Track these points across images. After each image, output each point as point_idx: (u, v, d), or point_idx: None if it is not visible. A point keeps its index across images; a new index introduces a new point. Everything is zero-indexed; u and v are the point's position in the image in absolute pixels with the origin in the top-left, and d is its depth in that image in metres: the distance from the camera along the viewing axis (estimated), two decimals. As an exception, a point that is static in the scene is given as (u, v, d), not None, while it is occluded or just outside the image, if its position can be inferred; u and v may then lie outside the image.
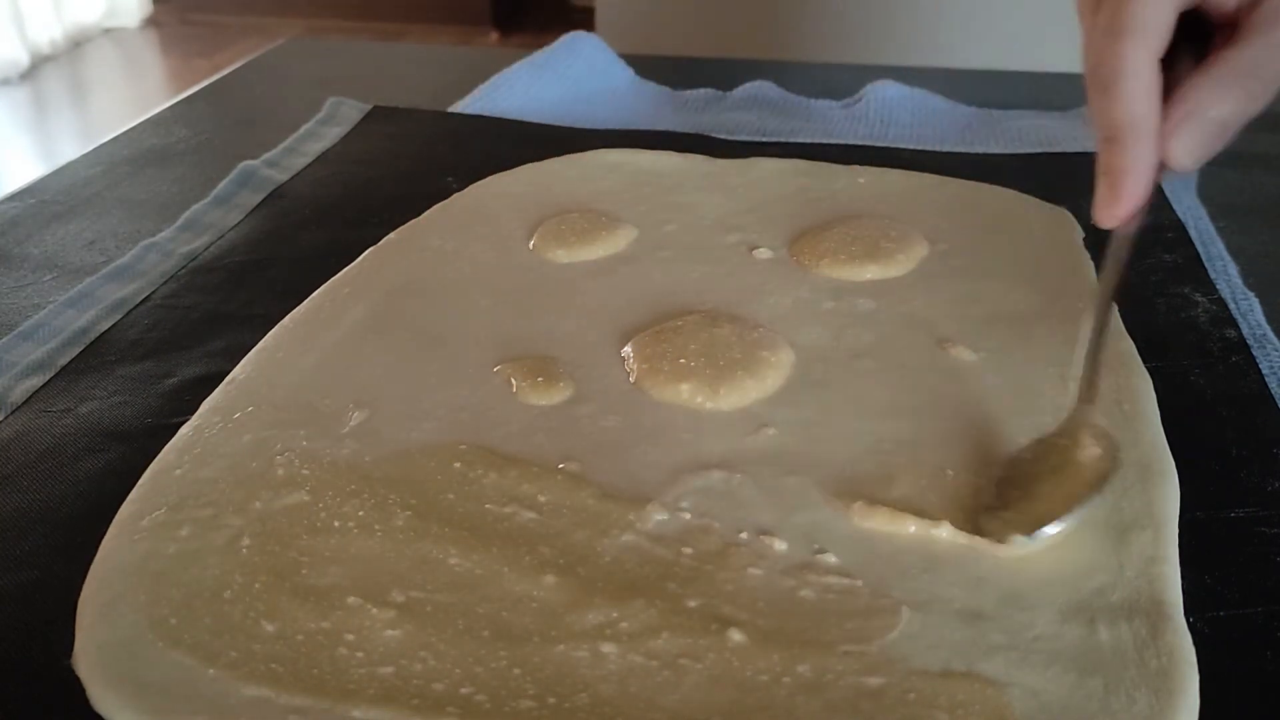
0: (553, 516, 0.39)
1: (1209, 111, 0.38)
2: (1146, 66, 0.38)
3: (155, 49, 3.62)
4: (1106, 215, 0.39)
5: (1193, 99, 0.38)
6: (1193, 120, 0.38)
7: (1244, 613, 0.36)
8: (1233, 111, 0.38)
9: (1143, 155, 0.38)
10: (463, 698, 0.32)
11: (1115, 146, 0.38)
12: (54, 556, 0.39)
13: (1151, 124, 0.38)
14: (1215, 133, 0.38)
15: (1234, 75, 0.38)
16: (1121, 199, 0.38)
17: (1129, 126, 0.38)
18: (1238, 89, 0.38)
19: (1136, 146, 0.38)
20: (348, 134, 0.76)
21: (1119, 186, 0.38)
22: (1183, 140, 0.38)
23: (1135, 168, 0.38)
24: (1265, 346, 0.50)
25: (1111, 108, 0.38)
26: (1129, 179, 0.38)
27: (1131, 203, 0.38)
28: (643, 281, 0.55)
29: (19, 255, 0.61)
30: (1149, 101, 0.38)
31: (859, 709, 0.32)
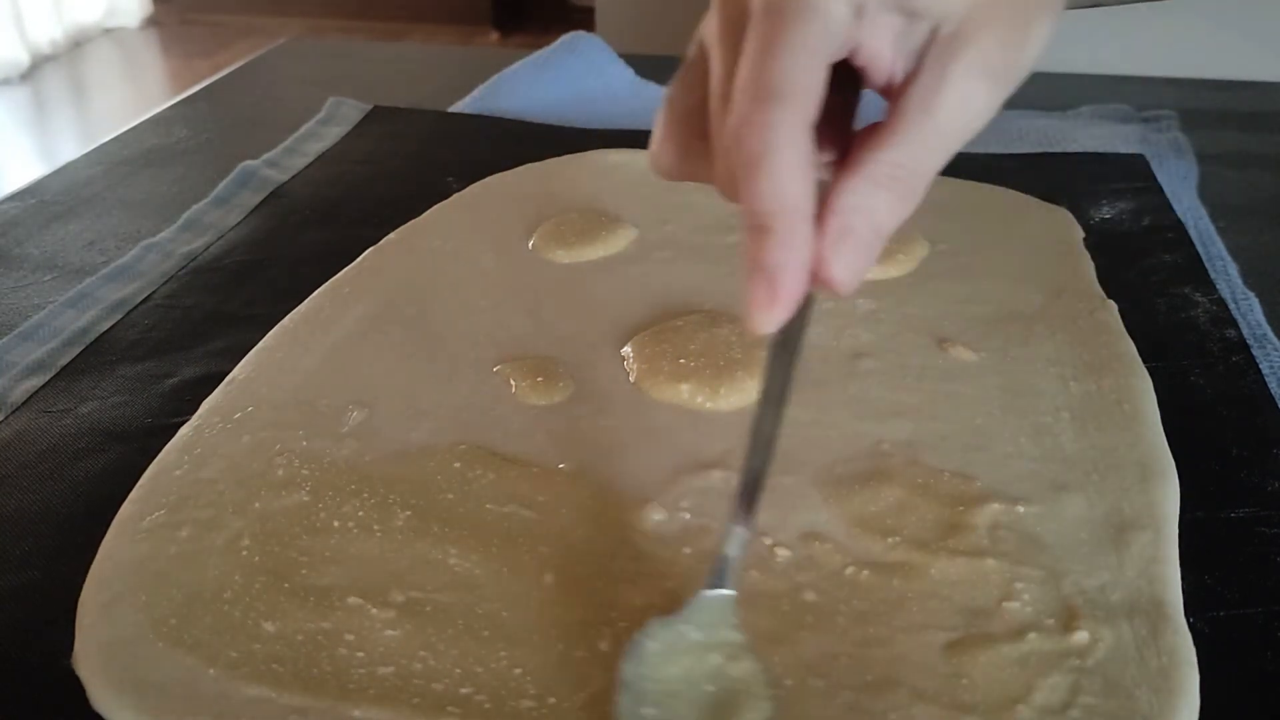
0: (552, 516, 0.39)
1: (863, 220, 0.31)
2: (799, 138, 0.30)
3: (155, 49, 3.62)
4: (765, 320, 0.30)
5: (845, 210, 0.31)
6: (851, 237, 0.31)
7: (1244, 613, 0.36)
8: (887, 217, 0.31)
9: (800, 245, 0.30)
10: (463, 698, 0.32)
11: (768, 238, 0.30)
12: (54, 556, 0.39)
13: (808, 208, 0.30)
14: (874, 243, 0.32)
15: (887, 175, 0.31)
16: (780, 299, 0.30)
17: (783, 213, 0.30)
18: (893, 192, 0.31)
19: (793, 236, 0.30)
20: (348, 134, 0.76)
21: (776, 285, 0.30)
22: (841, 258, 0.31)
23: (793, 261, 0.30)
24: (1265, 346, 0.50)
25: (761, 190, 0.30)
26: (787, 275, 0.30)
27: (792, 302, 0.30)
28: (643, 281, 0.55)
29: (19, 255, 0.61)
30: (804, 182, 0.30)
31: (860, 708, 0.32)
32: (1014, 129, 0.76)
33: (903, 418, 0.44)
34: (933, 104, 0.31)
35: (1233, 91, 0.84)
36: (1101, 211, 0.62)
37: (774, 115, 0.30)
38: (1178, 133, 0.74)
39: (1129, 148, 0.71)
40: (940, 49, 0.31)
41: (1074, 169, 0.68)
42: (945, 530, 0.38)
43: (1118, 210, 0.62)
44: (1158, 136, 0.74)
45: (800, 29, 0.30)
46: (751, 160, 0.30)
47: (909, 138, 0.31)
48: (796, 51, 0.30)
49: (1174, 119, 0.76)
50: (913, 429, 0.43)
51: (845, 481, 0.41)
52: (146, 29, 3.71)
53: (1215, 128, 0.77)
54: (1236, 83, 0.86)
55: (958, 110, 0.31)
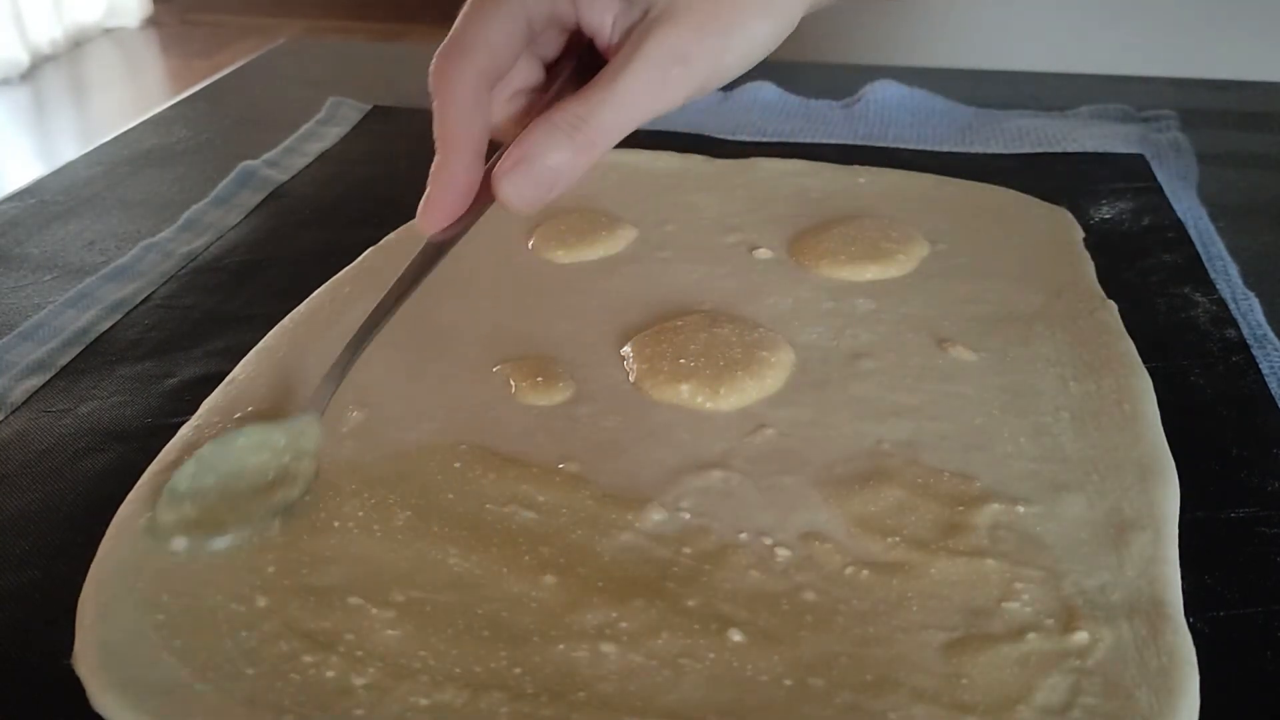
0: (552, 516, 0.39)
1: (540, 159, 0.37)
2: (469, 85, 0.38)
3: (155, 49, 3.62)
4: (423, 221, 0.40)
5: (527, 144, 0.37)
6: (524, 166, 0.37)
7: (1244, 613, 0.36)
8: (563, 161, 0.37)
9: (455, 171, 0.38)
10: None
11: (438, 158, 0.39)
12: (54, 556, 0.39)
13: (467, 143, 0.38)
14: (547, 179, 0.38)
15: (566, 127, 0.37)
16: (435, 208, 0.39)
17: (444, 140, 0.38)
18: (569, 141, 0.37)
19: (450, 161, 0.38)
20: (348, 134, 0.76)
21: (434, 197, 0.39)
22: (513, 182, 0.38)
23: (449, 180, 0.39)
24: (1265, 346, 0.50)
25: (438, 121, 0.38)
26: (441, 190, 0.39)
27: (442, 212, 0.39)
28: (643, 281, 0.55)
29: (19, 255, 0.61)
30: (467, 119, 0.38)
31: (860, 708, 0.32)
32: (1014, 129, 0.76)
33: (903, 418, 0.44)
34: (621, 74, 0.36)
35: (1233, 91, 0.84)
36: (1101, 211, 0.62)
37: (454, 65, 0.38)
38: (1178, 133, 0.74)
39: (1129, 148, 0.71)
40: (641, 29, 0.37)
41: (1074, 169, 0.68)
42: (945, 530, 0.38)
43: (1118, 210, 0.62)
44: (1158, 136, 0.74)
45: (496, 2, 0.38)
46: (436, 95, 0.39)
47: (594, 98, 0.37)
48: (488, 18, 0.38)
49: (1174, 119, 0.76)
50: (913, 429, 0.43)
51: (845, 481, 0.41)
52: (146, 29, 3.71)
53: (1215, 128, 0.77)
54: (1236, 83, 0.86)
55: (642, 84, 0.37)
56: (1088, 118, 0.78)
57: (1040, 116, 0.78)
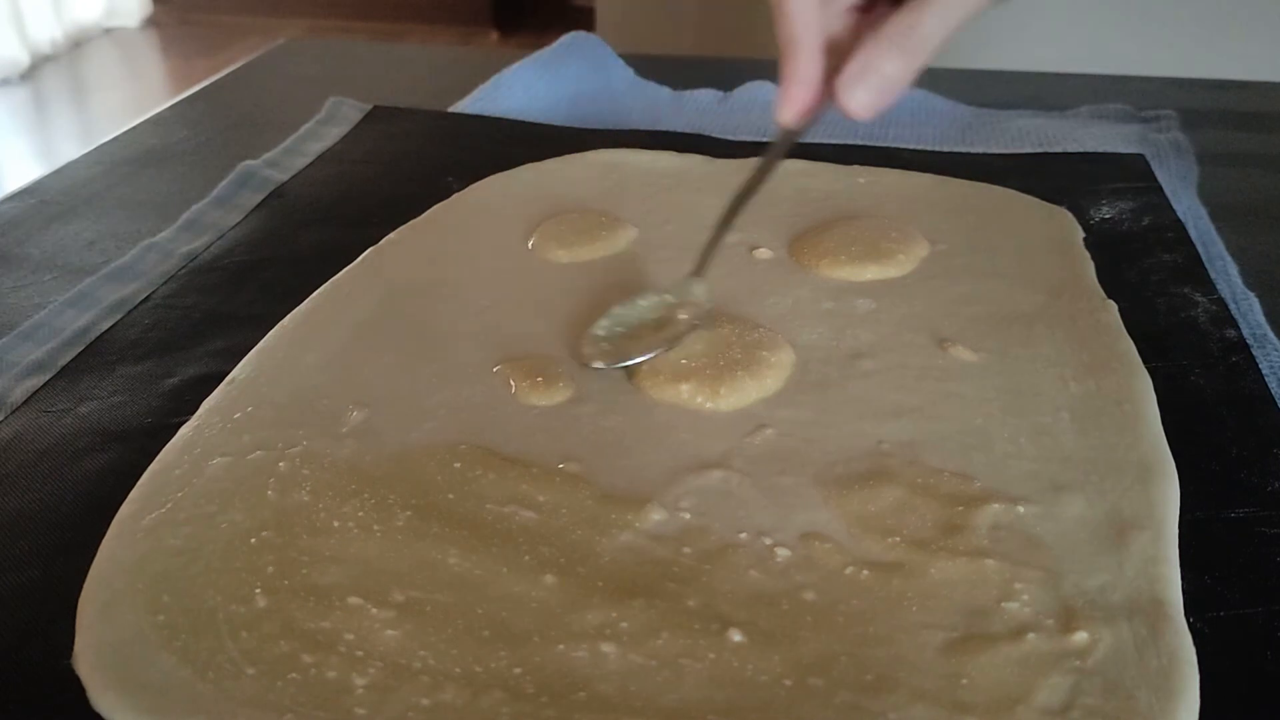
0: (552, 516, 0.39)
1: (877, 69, 0.42)
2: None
3: (155, 49, 3.62)
4: (781, 113, 0.44)
5: (863, 56, 0.42)
6: (862, 76, 0.42)
7: (1244, 613, 0.36)
8: (897, 69, 0.42)
9: (804, 67, 0.43)
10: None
11: (784, 59, 0.43)
12: (54, 556, 0.39)
13: (809, 40, 0.43)
14: (884, 87, 0.42)
15: (899, 37, 0.41)
16: (789, 101, 0.44)
17: (788, 42, 0.43)
18: (899, 49, 0.41)
19: (794, 59, 0.43)
20: (348, 134, 0.76)
21: (786, 91, 0.44)
22: (854, 92, 0.42)
23: (799, 76, 0.43)
24: (1265, 346, 0.50)
25: (779, 27, 0.43)
26: (795, 85, 0.43)
27: (797, 105, 0.44)
28: (643, 281, 0.55)
29: (19, 255, 0.61)
30: (806, 21, 0.43)
31: (860, 708, 0.32)
32: (1014, 129, 0.76)
33: (903, 418, 0.44)
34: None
35: (1233, 91, 0.84)
36: (1101, 211, 0.62)
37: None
38: (1178, 133, 0.74)
39: (1129, 148, 0.71)
40: None
41: (1074, 169, 0.68)
42: (945, 530, 0.38)
43: (1118, 210, 0.62)
44: (1158, 136, 0.74)
45: None
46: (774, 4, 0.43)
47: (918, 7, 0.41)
48: None
49: (1174, 119, 0.76)
50: (913, 429, 0.43)
51: (845, 481, 0.41)
52: (146, 29, 3.71)
53: (1215, 128, 0.77)
54: (1236, 83, 0.86)
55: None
56: (1088, 118, 0.78)
57: (1040, 116, 0.78)
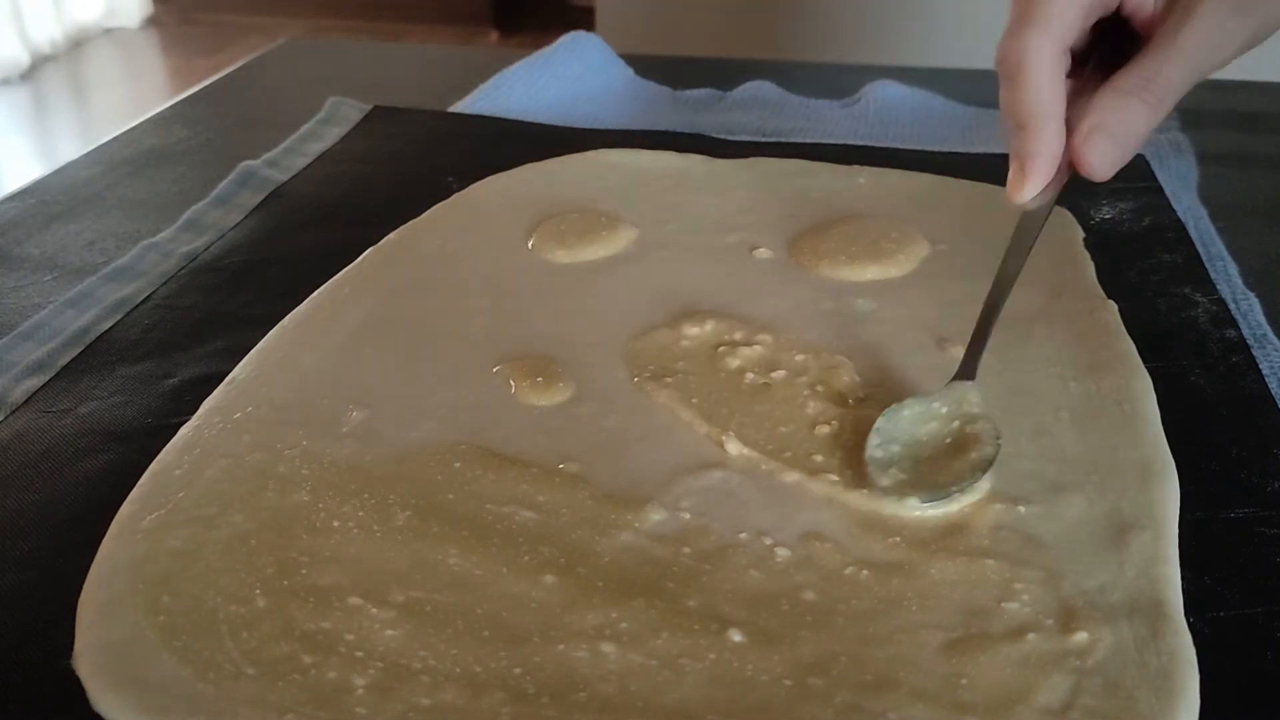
0: (552, 516, 0.39)
1: (1115, 123, 0.40)
2: (1050, 57, 0.39)
3: (155, 49, 3.62)
4: (1018, 194, 0.42)
5: (1098, 112, 0.40)
6: (1100, 132, 0.40)
7: (1244, 613, 0.36)
8: (1136, 123, 0.40)
9: (1048, 140, 0.40)
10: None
11: (1024, 133, 0.40)
12: (54, 556, 0.39)
13: (1056, 111, 0.40)
14: (1124, 143, 0.40)
15: (1136, 87, 0.39)
16: (1030, 180, 0.41)
17: (1035, 115, 0.40)
18: (1139, 102, 0.39)
19: (1043, 132, 0.40)
20: (348, 134, 0.76)
21: (1028, 169, 0.41)
22: (1094, 151, 0.40)
23: (1042, 152, 0.40)
24: (1265, 346, 0.50)
25: (1019, 96, 0.40)
26: (1037, 162, 0.40)
27: (1039, 183, 0.41)
28: (643, 281, 0.55)
29: (19, 255, 0.61)
30: (1053, 90, 0.40)
31: (859, 708, 0.32)
32: (1014, 129, 0.76)
33: (903, 418, 0.44)
34: (1181, 30, 0.38)
35: (1233, 91, 0.84)
36: (1101, 211, 0.62)
37: (1031, 37, 0.39)
38: (1178, 133, 0.74)
39: (1129, 148, 0.71)
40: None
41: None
42: (945, 530, 0.38)
43: (1118, 210, 0.62)
44: (1158, 136, 0.74)
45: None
46: (1012, 71, 0.40)
47: (1158, 56, 0.39)
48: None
49: (1174, 119, 0.76)
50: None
51: (846, 481, 0.40)
52: (146, 29, 3.71)
53: (1215, 128, 0.77)
54: (1236, 83, 0.86)
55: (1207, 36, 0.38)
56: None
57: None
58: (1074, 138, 0.40)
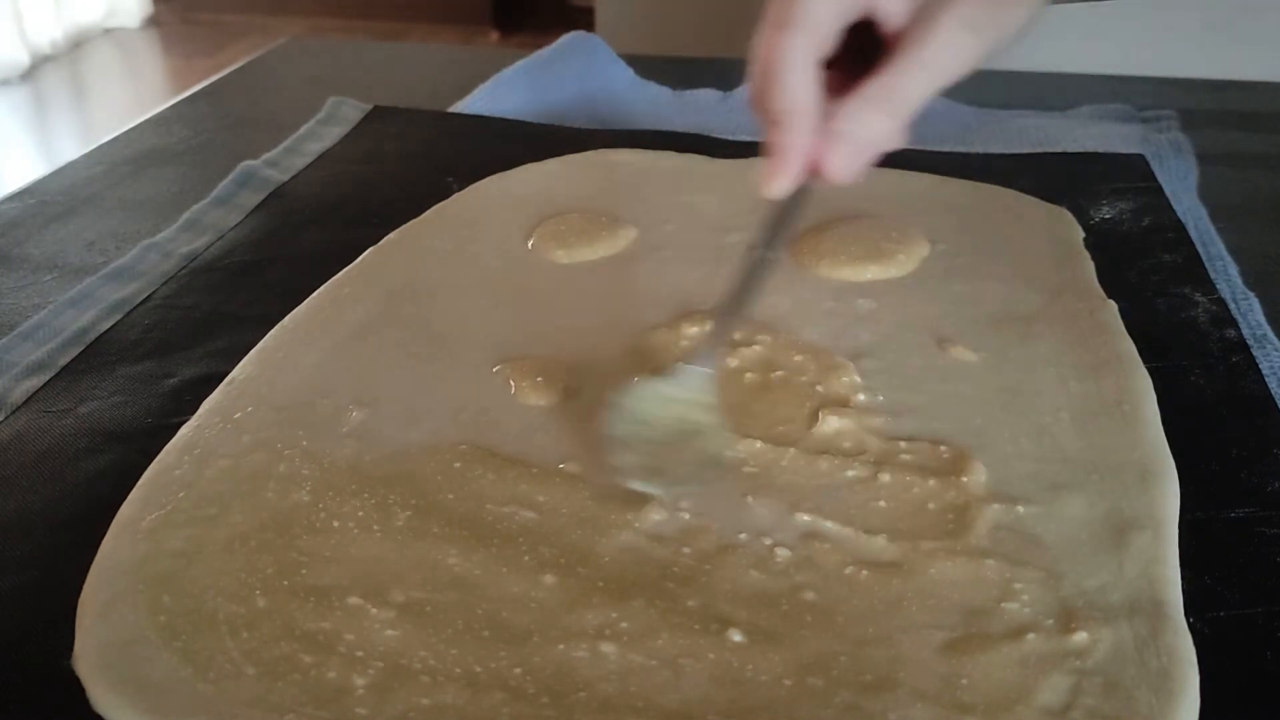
0: (552, 516, 0.39)
1: (855, 131, 0.40)
2: (806, 59, 0.40)
3: (155, 49, 3.61)
4: (770, 187, 0.42)
5: (842, 118, 0.40)
6: (843, 140, 0.40)
7: (1244, 613, 0.36)
8: (876, 132, 0.40)
9: (798, 139, 0.41)
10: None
11: (778, 129, 0.41)
12: (54, 557, 0.39)
13: (810, 109, 0.40)
14: (864, 150, 0.41)
15: (877, 98, 0.40)
16: (780, 176, 0.41)
17: (788, 112, 0.40)
18: (881, 111, 0.40)
19: (794, 131, 0.40)
20: (348, 134, 0.76)
21: (780, 162, 0.41)
22: (835, 156, 0.41)
23: (792, 149, 0.41)
24: (1265, 346, 0.50)
25: (774, 95, 0.40)
26: (789, 155, 0.41)
27: (790, 180, 0.41)
28: (643, 281, 0.55)
29: (19, 255, 0.61)
30: (808, 92, 0.40)
31: (859, 708, 0.32)
32: (1014, 129, 0.76)
33: (903, 418, 0.44)
34: (922, 43, 0.39)
35: (1233, 91, 0.84)
36: (1101, 211, 0.62)
37: (789, 39, 0.40)
38: (1178, 133, 0.74)
39: (1129, 148, 0.71)
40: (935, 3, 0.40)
41: (1074, 169, 0.68)
42: (945, 530, 0.38)
43: (1118, 210, 0.62)
44: (1158, 136, 0.74)
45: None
46: (769, 71, 0.40)
47: (900, 69, 0.40)
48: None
49: (1174, 119, 0.76)
50: (913, 429, 0.43)
51: (845, 482, 0.41)
52: (146, 29, 3.71)
53: (1215, 128, 0.77)
54: (1236, 83, 0.86)
55: (943, 51, 0.39)
56: (1088, 118, 0.78)
57: (1040, 116, 0.78)
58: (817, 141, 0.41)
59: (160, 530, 0.38)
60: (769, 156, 0.42)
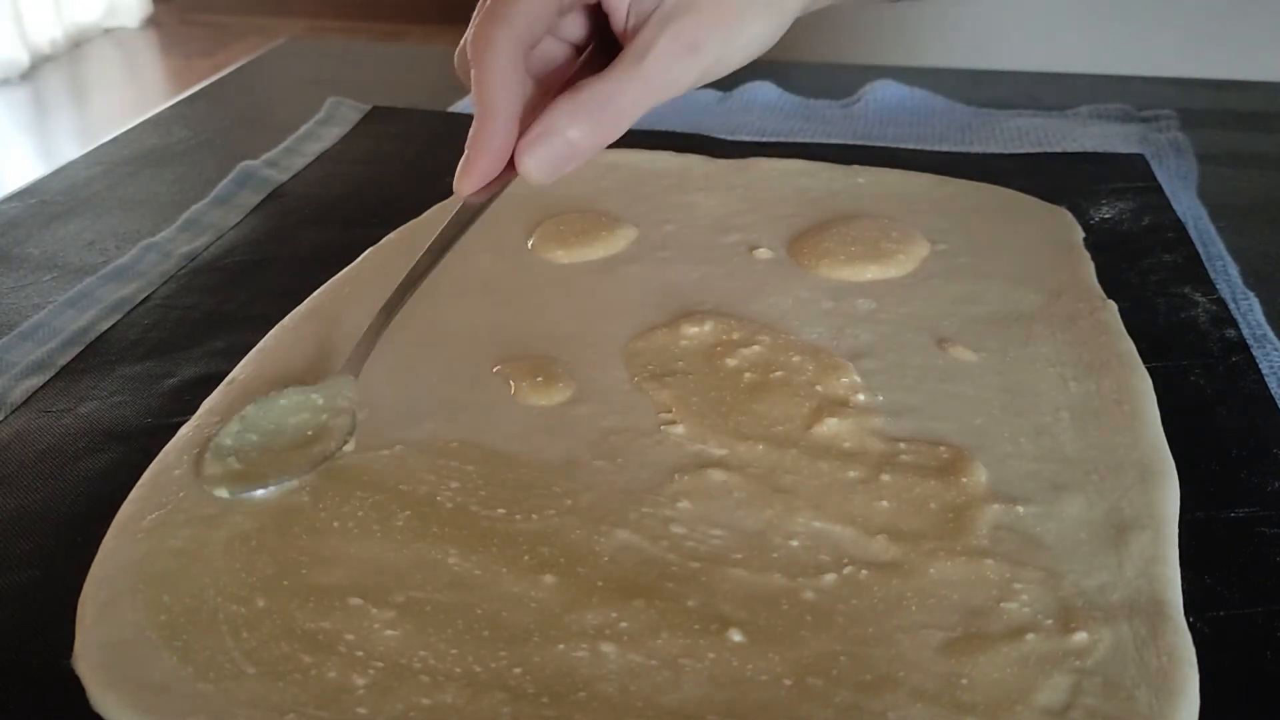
0: (552, 516, 0.39)
1: (561, 134, 0.39)
2: (509, 53, 0.39)
3: (155, 49, 3.62)
4: (460, 183, 0.41)
5: (549, 119, 0.39)
6: (545, 139, 0.39)
7: (1244, 613, 0.36)
8: (583, 137, 0.39)
9: (496, 134, 0.40)
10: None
11: (476, 122, 0.40)
12: (54, 556, 0.39)
13: (508, 106, 0.39)
14: (566, 154, 0.40)
15: (590, 104, 0.39)
16: (472, 170, 0.40)
17: (486, 105, 0.40)
18: (590, 118, 0.39)
19: (490, 125, 0.39)
20: (348, 134, 0.76)
21: (471, 159, 0.40)
22: (534, 154, 0.39)
23: (489, 144, 0.40)
24: (1265, 346, 0.50)
25: (477, 87, 0.40)
26: (482, 153, 0.40)
27: (480, 175, 0.40)
28: (643, 281, 0.55)
29: (19, 255, 0.61)
30: (507, 85, 0.39)
31: (859, 708, 0.32)
32: (1014, 129, 0.76)
33: (903, 418, 0.44)
34: (644, 58, 0.39)
35: (1233, 91, 0.84)
36: (1101, 211, 0.62)
37: (495, 31, 0.39)
38: (1178, 133, 0.74)
39: (1129, 148, 0.71)
40: (660, 16, 0.39)
41: (1074, 169, 0.68)
42: (945, 530, 0.38)
43: (1118, 210, 0.62)
44: (1158, 136, 0.74)
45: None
46: (474, 62, 0.40)
47: (618, 78, 0.39)
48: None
49: (1174, 119, 0.76)
50: (913, 429, 0.43)
51: (846, 482, 0.41)
52: (146, 29, 3.71)
53: (1215, 128, 0.77)
54: (1236, 83, 0.86)
55: (661, 67, 0.39)
56: (1088, 118, 0.78)
57: (1040, 116, 0.78)
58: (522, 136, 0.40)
59: (160, 530, 0.38)
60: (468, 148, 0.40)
